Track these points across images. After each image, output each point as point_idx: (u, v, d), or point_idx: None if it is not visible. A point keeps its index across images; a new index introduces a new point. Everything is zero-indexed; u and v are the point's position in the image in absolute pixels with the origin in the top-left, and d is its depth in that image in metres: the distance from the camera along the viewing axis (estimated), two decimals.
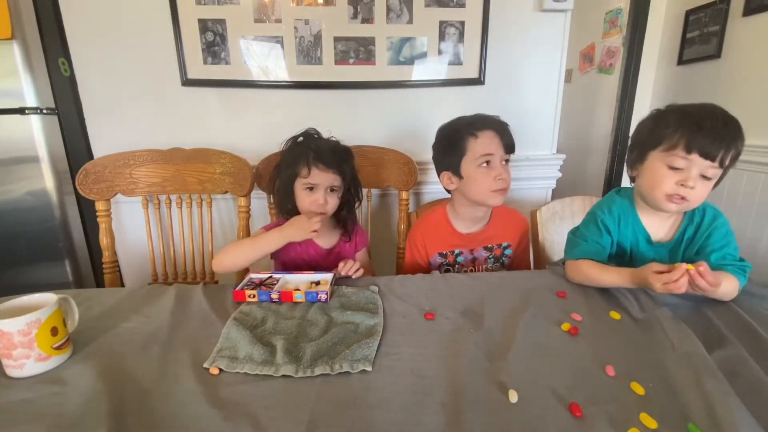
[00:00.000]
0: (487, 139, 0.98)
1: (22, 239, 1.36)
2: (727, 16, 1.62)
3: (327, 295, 0.78)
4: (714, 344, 0.61)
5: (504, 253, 1.09)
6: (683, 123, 0.73)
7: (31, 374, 0.57)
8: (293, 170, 0.97)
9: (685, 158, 0.73)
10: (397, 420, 0.49)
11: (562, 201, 1.21)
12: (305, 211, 0.99)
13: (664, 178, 0.75)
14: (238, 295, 0.77)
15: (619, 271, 0.79)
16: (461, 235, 1.07)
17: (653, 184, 0.77)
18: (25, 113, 1.26)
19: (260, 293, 0.77)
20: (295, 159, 0.97)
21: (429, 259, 1.09)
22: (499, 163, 0.98)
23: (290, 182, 0.99)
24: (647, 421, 0.48)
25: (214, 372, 0.58)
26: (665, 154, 0.75)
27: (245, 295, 0.77)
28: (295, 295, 0.77)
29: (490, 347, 0.63)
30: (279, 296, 0.78)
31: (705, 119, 0.72)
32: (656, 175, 0.77)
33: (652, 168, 0.77)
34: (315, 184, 0.96)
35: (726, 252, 0.78)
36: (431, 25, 1.34)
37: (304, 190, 0.98)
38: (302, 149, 0.98)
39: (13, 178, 1.31)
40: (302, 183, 0.97)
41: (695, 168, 0.73)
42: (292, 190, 0.99)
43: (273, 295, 0.77)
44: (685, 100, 0.78)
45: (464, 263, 1.08)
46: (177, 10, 1.25)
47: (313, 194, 0.97)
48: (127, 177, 1.19)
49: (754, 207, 1.50)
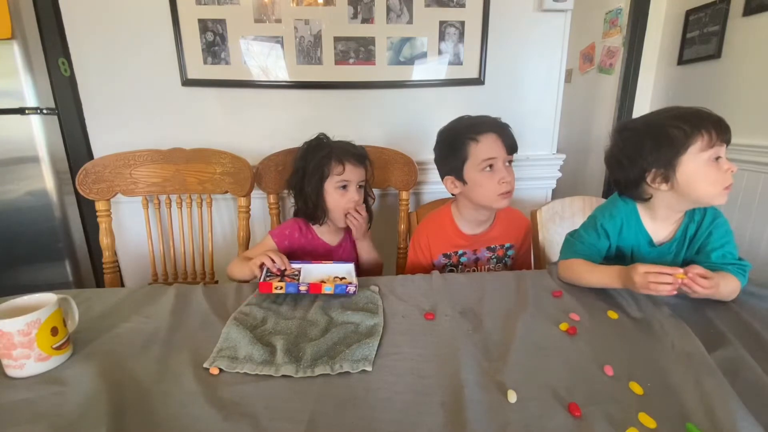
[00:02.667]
0: (489, 142, 0.96)
1: (22, 239, 1.36)
2: (727, 16, 1.62)
3: (356, 288, 0.77)
4: (714, 344, 0.61)
5: (507, 254, 1.09)
6: (699, 120, 0.73)
7: (31, 374, 0.57)
8: (323, 171, 0.98)
9: (721, 147, 0.73)
10: (397, 420, 0.49)
11: (562, 201, 1.21)
12: (342, 209, 1.00)
13: (716, 171, 0.73)
14: (264, 287, 0.75)
15: (607, 269, 0.79)
16: (466, 236, 1.07)
17: (708, 183, 0.74)
18: (25, 113, 1.26)
19: (288, 285, 0.75)
20: (323, 161, 0.98)
21: (433, 261, 1.08)
22: (502, 166, 0.97)
23: (320, 185, 0.99)
24: (646, 420, 0.48)
25: (214, 372, 0.58)
26: (704, 152, 0.73)
27: (272, 287, 0.75)
28: (324, 287, 0.76)
29: (490, 347, 0.63)
30: (308, 288, 0.76)
31: (703, 113, 0.75)
32: (708, 172, 0.74)
33: (695, 170, 0.74)
34: (349, 180, 0.99)
35: (726, 251, 0.78)
36: (431, 25, 1.34)
37: (337, 189, 0.99)
38: (327, 151, 0.99)
39: (13, 178, 1.31)
40: (335, 182, 0.99)
41: (725, 155, 0.74)
42: (323, 192, 1.00)
43: (301, 287, 0.75)
44: (686, 100, 0.78)
45: (467, 263, 1.08)
46: (177, 10, 1.25)
47: (347, 192, 0.99)
48: (127, 177, 1.19)
49: (754, 207, 1.50)
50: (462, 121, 1.02)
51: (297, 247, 1.06)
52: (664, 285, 0.68)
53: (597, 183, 2.32)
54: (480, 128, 0.98)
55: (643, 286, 0.70)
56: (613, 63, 2.19)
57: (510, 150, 0.99)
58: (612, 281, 0.77)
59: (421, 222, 1.14)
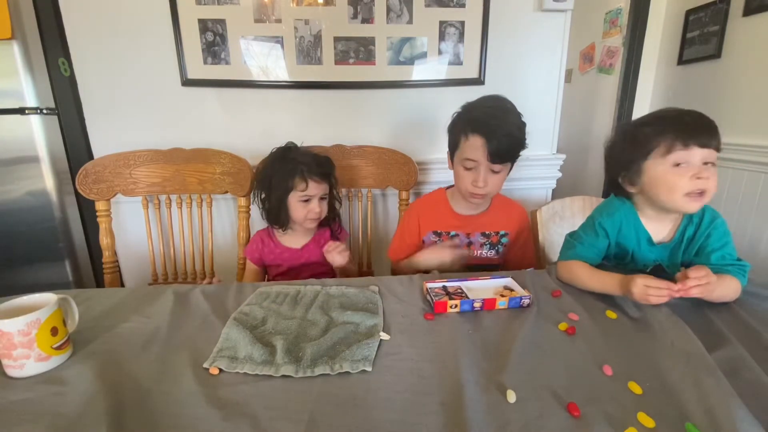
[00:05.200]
0: (474, 144, 0.94)
1: (22, 239, 1.36)
2: (727, 16, 1.62)
3: (530, 300, 0.75)
4: (714, 344, 0.61)
5: (501, 241, 1.09)
6: (667, 124, 0.74)
7: (31, 374, 0.57)
8: (288, 185, 1.02)
9: (686, 151, 0.72)
10: (397, 420, 0.49)
11: (562, 201, 1.21)
12: (302, 220, 1.06)
13: (677, 177, 0.73)
14: (439, 306, 0.74)
15: (607, 276, 0.79)
16: (458, 216, 1.08)
17: (668, 189, 0.75)
18: (25, 113, 1.26)
19: (463, 303, 0.74)
20: (289, 174, 1.02)
21: (422, 237, 1.09)
22: (482, 170, 0.95)
23: (285, 196, 1.04)
24: (645, 420, 0.48)
25: (214, 372, 0.58)
26: (665, 157, 0.74)
27: (447, 306, 0.74)
28: (498, 302, 0.75)
29: (489, 347, 0.63)
30: (482, 305, 0.74)
31: (683, 116, 0.74)
32: (667, 179, 0.74)
33: (657, 175, 0.76)
34: (311, 195, 1.04)
35: (725, 251, 0.78)
36: (431, 25, 1.34)
37: (299, 202, 1.05)
38: (293, 165, 1.03)
39: (13, 178, 1.31)
40: (298, 196, 1.04)
41: (698, 160, 0.73)
42: (286, 203, 1.05)
43: (476, 303, 0.74)
44: (685, 100, 0.78)
45: (459, 246, 1.08)
46: (177, 10, 1.25)
47: (308, 205, 1.05)
48: (127, 177, 1.20)
49: (754, 207, 1.50)
50: (474, 109, 0.99)
51: (266, 256, 1.14)
52: (660, 297, 0.69)
53: (597, 183, 2.32)
54: (475, 125, 0.94)
55: (642, 297, 0.70)
56: (613, 63, 2.19)
57: (493, 159, 0.94)
58: (611, 289, 0.77)
59: (415, 200, 1.16)
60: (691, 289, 0.68)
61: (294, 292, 0.82)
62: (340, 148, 1.30)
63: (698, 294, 0.68)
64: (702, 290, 0.68)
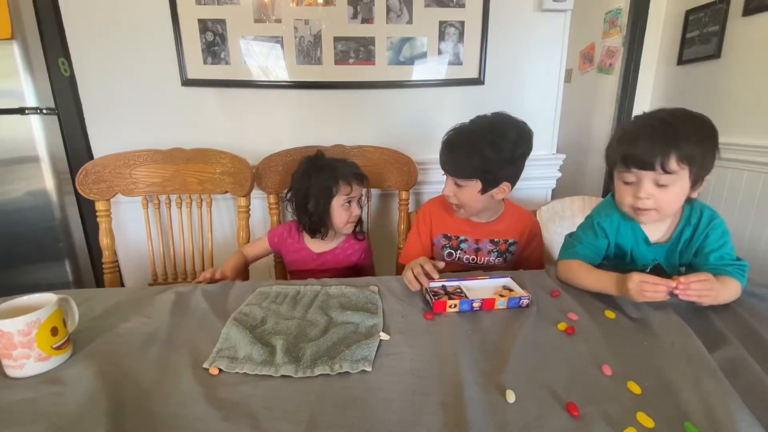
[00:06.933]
0: (442, 155, 0.98)
1: (22, 239, 1.36)
2: (726, 16, 1.61)
3: (529, 300, 0.76)
4: (714, 344, 0.61)
5: (509, 250, 1.09)
6: (620, 140, 0.76)
7: (31, 374, 0.57)
8: (332, 191, 1.05)
9: (629, 173, 0.75)
10: (397, 420, 0.49)
11: (562, 201, 1.21)
12: (344, 224, 1.10)
13: (622, 194, 0.78)
14: (438, 306, 0.74)
15: (605, 274, 0.79)
16: (470, 222, 1.08)
17: (619, 201, 0.80)
18: (25, 113, 1.26)
19: (462, 303, 0.74)
20: (331, 180, 1.05)
21: (433, 239, 1.10)
22: (451, 180, 0.98)
23: (328, 203, 1.06)
24: (644, 420, 0.48)
25: (214, 372, 0.58)
26: (617, 172, 0.78)
27: (446, 306, 0.74)
28: (497, 302, 0.75)
29: (489, 347, 0.63)
30: (481, 304, 0.75)
31: (642, 129, 0.73)
32: (618, 192, 0.80)
33: (616, 186, 0.81)
34: (354, 197, 1.09)
35: (724, 252, 0.78)
36: (431, 25, 1.34)
37: (342, 206, 1.08)
38: (331, 171, 1.06)
39: (13, 178, 1.31)
40: (342, 200, 1.07)
41: (645, 179, 0.73)
42: (329, 209, 1.07)
43: (475, 303, 0.75)
44: (685, 100, 0.78)
45: (467, 251, 1.08)
46: (177, 10, 1.25)
47: (351, 207, 1.09)
48: (127, 177, 1.20)
49: (754, 207, 1.50)
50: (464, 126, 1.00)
51: (285, 247, 1.16)
52: (657, 294, 0.69)
53: (597, 183, 2.32)
54: (447, 142, 0.98)
55: (638, 293, 0.70)
56: (612, 63, 2.19)
57: (450, 172, 0.98)
58: (608, 287, 0.77)
59: (427, 201, 1.17)
60: (692, 283, 0.67)
61: (294, 292, 0.82)
62: (340, 148, 1.30)
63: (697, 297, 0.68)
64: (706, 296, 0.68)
